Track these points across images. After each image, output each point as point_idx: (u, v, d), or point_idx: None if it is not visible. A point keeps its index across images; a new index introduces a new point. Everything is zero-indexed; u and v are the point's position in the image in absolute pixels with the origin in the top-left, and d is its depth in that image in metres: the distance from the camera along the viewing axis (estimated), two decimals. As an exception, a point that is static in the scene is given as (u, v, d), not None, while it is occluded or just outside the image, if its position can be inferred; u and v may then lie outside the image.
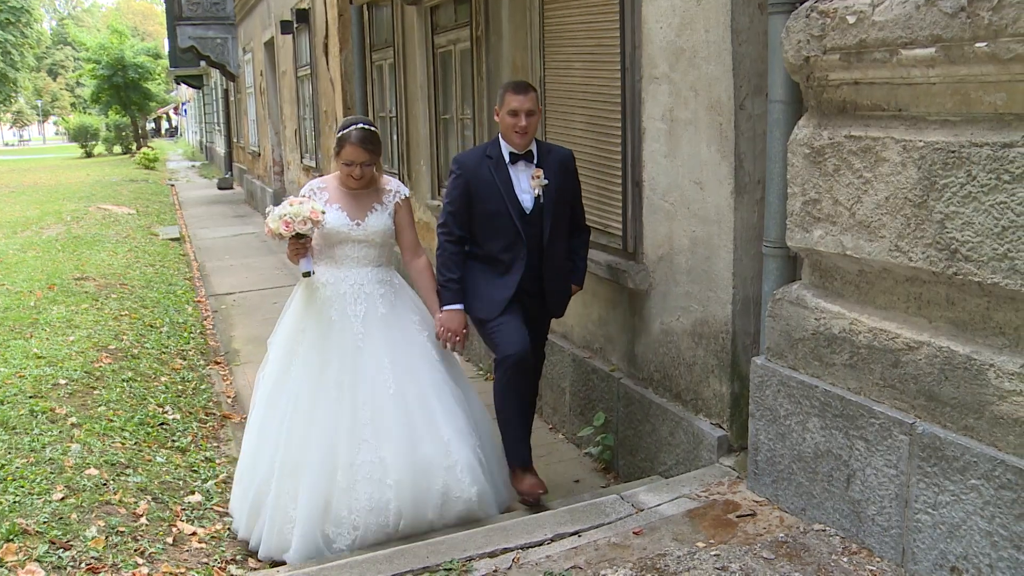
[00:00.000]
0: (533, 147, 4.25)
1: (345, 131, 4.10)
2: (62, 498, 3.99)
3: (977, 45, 2.50)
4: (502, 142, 4.24)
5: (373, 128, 4.17)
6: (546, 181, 4.19)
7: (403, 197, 4.28)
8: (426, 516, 3.93)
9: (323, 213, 4.00)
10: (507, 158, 4.21)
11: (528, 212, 4.20)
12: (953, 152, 2.64)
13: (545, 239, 4.21)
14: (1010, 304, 2.58)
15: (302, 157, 13.75)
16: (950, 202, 2.67)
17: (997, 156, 2.51)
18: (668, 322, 4.26)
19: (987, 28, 2.46)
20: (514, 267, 4.20)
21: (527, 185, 4.21)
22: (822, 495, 3.25)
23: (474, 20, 6.38)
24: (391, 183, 4.30)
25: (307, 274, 4.04)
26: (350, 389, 3.97)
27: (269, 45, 16.11)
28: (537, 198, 4.20)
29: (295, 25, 12.75)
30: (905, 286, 2.93)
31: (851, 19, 2.92)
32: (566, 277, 4.40)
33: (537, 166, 4.22)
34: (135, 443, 4.93)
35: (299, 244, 3.99)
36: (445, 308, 4.21)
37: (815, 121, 3.22)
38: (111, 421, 5.12)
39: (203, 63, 24.78)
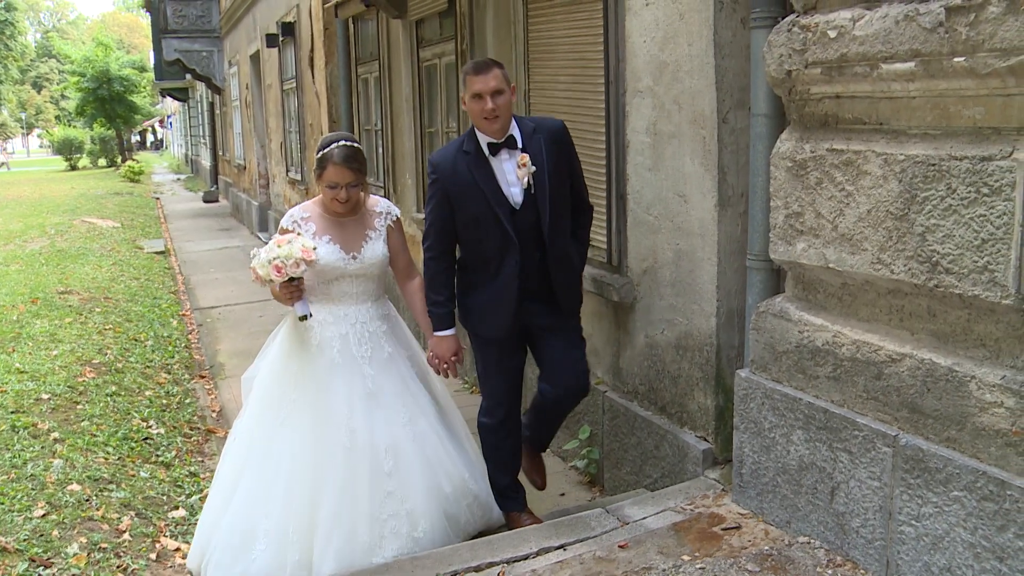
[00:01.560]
0: (514, 130, 3.71)
1: (326, 150, 3.70)
2: (43, 515, 3.96)
3: (956, 60, 2.52)
4: (478, 133, 3.71)
5: (357, 144, 3.78)
6: (534, 167, 3.66)
7: (395, 218, 3.93)
8: None
9: (315, 249, 3.61)
10: (486, 150, 3.68)
11: (519, 207, 3.70)
12: (933, 165, 2.66)
13: (545, 231, 3.70)
14: (990, 316, 2.60)
15: (288, 170, 13.73)
16: (931, 215, 2.69)
17: (976, 169, 2.53)
18: (653, 335, 4.27)
19: (965, 43, 2.48)
20: (505, 270, 3.71)
21: (514, 177, 3.69)
22: (807, 507, 3.26)
23: (459, 34, 6.40)
24: (380, 203, 3.93)
25: (304, 317, 3.67)
26: (367, 436, 3.64)
27: (255, 58, 16.11)
28: (527, 189, 3.68)
29: (281, 38, 12.76)
30: (887, 298, 2.95)
31: (832, 33, 2.95)
32: (576, 265, 3.90)
33: (523, 151, 3.69)
34: (118, 458, 4.90)
35: (292, 287, 3.61)
36: (435, 334, 3.85)
37: (797, 134, 3.24)
38: (94, 436, 5.10)
39: (189, 76, 24.79)
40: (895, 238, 2.81)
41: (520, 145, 3.70)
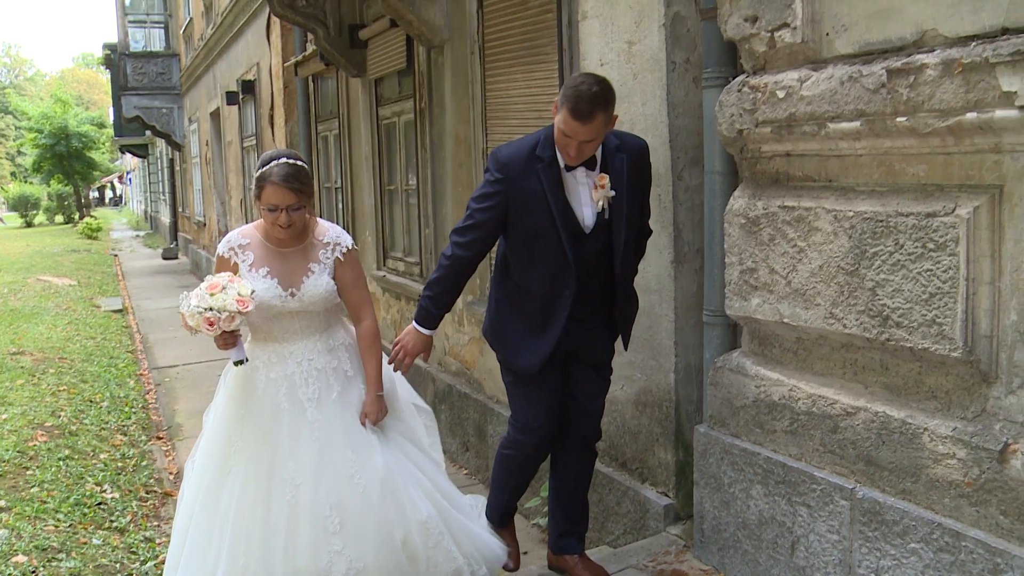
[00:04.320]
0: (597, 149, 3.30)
1: (265, 168, 3.29)
2: (-14, 588, 3.84)
3: (898, 119, 2.60)
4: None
5: (301, 163, 3.35)
6: (613, 192, 3.27)
7: (345, 249, 3.48)
8: None
9: (252, 294, 3.23)
10: (562, 163, 3.27)
11: (588, 231, 3.31)
12: (881, 222, 2.72)
13: (617, 260, 3.34)
14: (940, 369, 2.64)
15: (248, 227, 13.67)
16: (880, 270, 2.74)
17: (922, 225, 2.59)
18: (613, 391, 4.25)
19: (906, 103, 2.56)
20: (557, 307, 3.33)
21: (588, 197, 3.30)
22: (768, 562, 3.26)
23: (417, 93, 6.46)
24: (329, 232, 3.49)
25: (240, 362, 3.34)
26: (310, 494, 3.29)
27: (215, 115, 16.13)
28: (600, 212, 3.30)
29: (241, 96, 12.80)
30: (841, 352, 2.99)
31: (780, 93, 3.02)
32: (636, 296, 3.58)
33: (602, 172, 3.30)
34: (69, 525, 4.78)
35: (226, 335, 3.26)
36: (415, 327, 3.47)
37: (750, 192, 3.30)
38: (44, 503, 4.96)
39: (148, 132, 24.76)
40: (847, 293, 2.86)
41: (599, 164, 3.31)
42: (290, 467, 3.30)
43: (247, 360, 3.35)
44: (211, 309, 3.15)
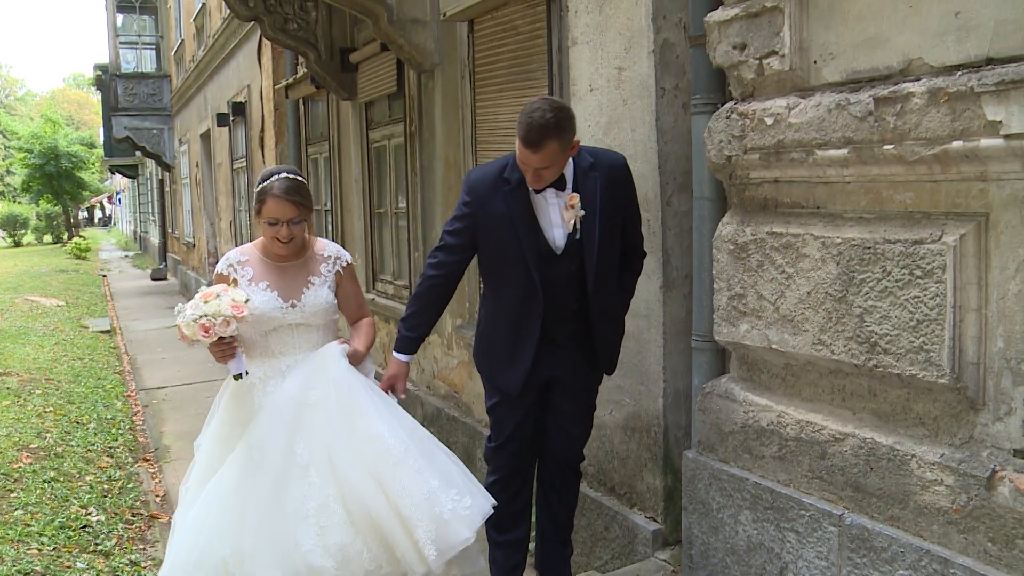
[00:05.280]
0: (567, 169, 3.28)
1: (266, 183, 3.34)
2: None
3: (885, 147, 2.62)
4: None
5: (300, 177, 3.41)
6: (583, 212, 3.25)
7: (344, 264, 3.56)
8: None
9: (247, 302, 3.26)
10: (530, 184, 3.27)
11: (559, 252, 3.30)
12: (869, 248, 2.74)
13: (590, 282, 3.31)
14: (928, 395, 2.65)
15: (237, 248, 13.66)
16: (868, 296, 2.75)
17: (909, 252, 2.61)
18: (601, 416, 4.26)
19: (893, 131, 2.58)
20: (528, 329, 3.33)
21: (559, 218, 3.28)
22: (756, 589, 3.24)
23: (408, 116, 6.48)
24: (328, 247, 3.56)
25: (239, 376, 3.31)
26: (325, 468, 3.14)
27: (205, 137, 16.14)
28: (572, 232, 3.28)
29: (231, 118, 12.82)
30: (829, 378, 2.99)
31: (769, 121, 3.04)
32: (621, 317, 3.55)
33: (573, 191, 3.28)
34: (53, 548, 4.72)
35: (224, 345, 3.25)
36: (394, 355, 3.49)
37: (738, 218, 3.31)
38: (28, 526, 4.91)
39: (138, 153, 24.73)
40: (835, 319, 2.87)
41: (570, 184, 3.29)
42: (300, 449, 3.18)
43: (247, 373, 3.32)
44: (205, 315, 3.15)
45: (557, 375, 3.46)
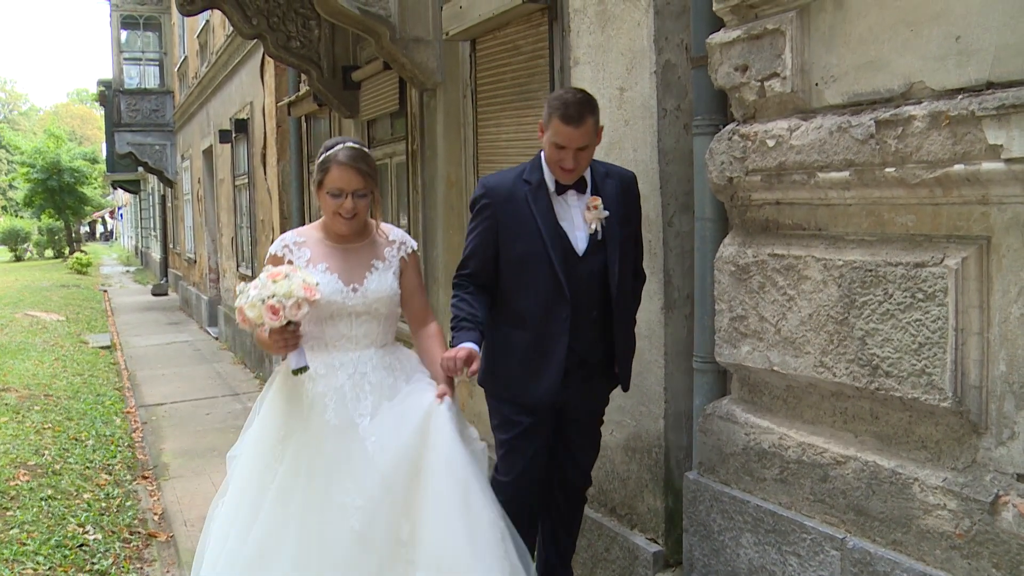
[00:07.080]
0: (586, 173, 3.31)
1: (330, 151, 3.11)
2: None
3: (887, 170, 2.62)
4: (545, 167, 3.27)
5: (366, 148, 3.20)
6: (606, 212, 3.24)
7: (410, 250, 3.30)
8: None
9: (318, 285, 2.95)
10: (551, 186, 3.25)
11: (581, 254, 3.25)
12: (870, 271, 2.73)
13: (613, 284, 3.27)
14: (930, 419, 2.64)
15: (238, 265, 13.66)
16: (870, 319, 2.74)
17: (911, 275, 2.60)
18: (602, 436, 4.24)
19: (895, 154, 2.58)
20: (552, 327, 3.22)
21: (580, 220, 3.26)
22: (758, 612, 3.22)
23: (410, 135, 6.50)
24: (393, 231, 3.31)
25: (300, 371, 3.01)
26: (366, 521, 2.89)
27: (208, 153, 16.17)
28: (593, 234, 3.25)
29: (234, 134, 12.85)
30: (831, 401, 2.98)
31: (770, 143, 3.04)
32: (633, 331, 3.50)
33: (593, 194, 3.29)
34: (49, 568, 4.70)
35: (287, 333, 2.94)
36: (459, 344, 3.14)
37: (740, 239, 3.31)
38: (24, 545, 4.89)
39: (141, 169, 24.80)
40: (836, 341, 2.86)
41: (590, 188, 3.30)
42: (347, 487, 2.92)
43: (308, 367, 3.03)
44: (275, 295, 2.87)
45: (572, 401, 3.38)
